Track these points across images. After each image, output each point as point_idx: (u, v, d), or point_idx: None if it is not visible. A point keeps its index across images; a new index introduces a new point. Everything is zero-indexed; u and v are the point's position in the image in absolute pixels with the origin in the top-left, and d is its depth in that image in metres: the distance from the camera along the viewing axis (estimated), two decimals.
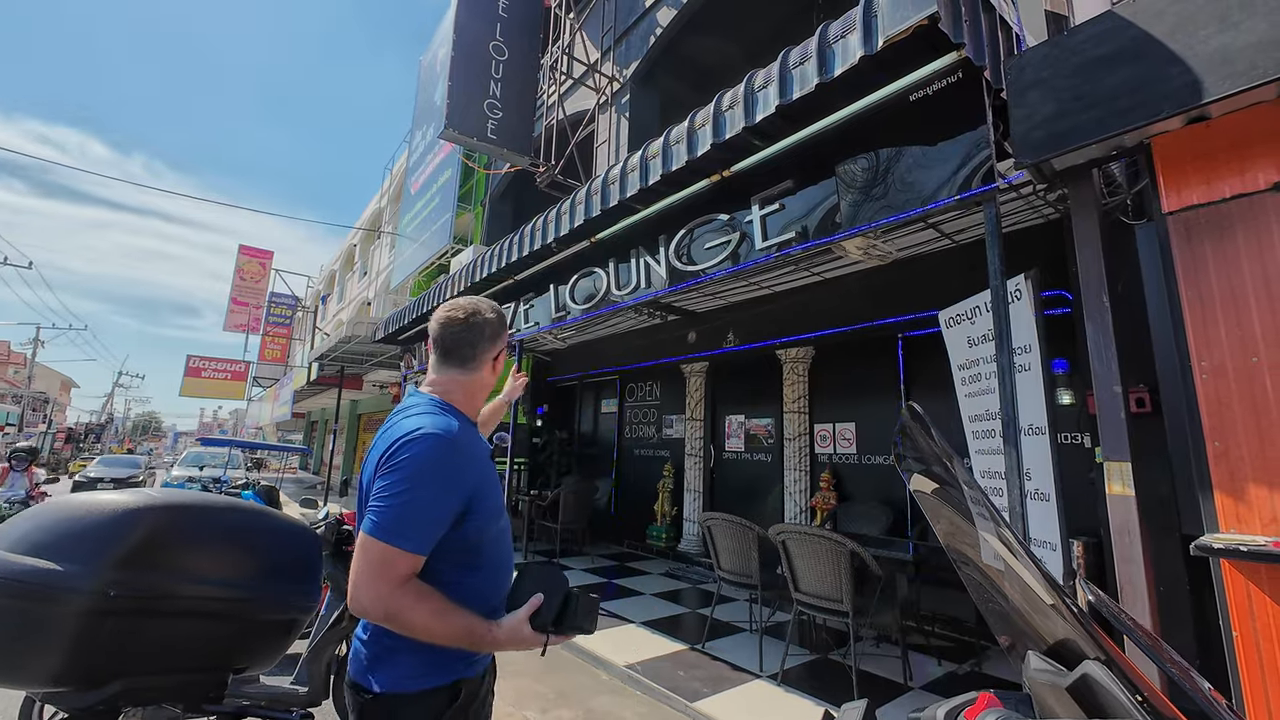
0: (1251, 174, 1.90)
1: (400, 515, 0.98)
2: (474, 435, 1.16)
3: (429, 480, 1.01)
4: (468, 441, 1.10)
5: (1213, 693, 0.58)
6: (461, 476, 1.05)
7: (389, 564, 0.97)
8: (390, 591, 0.96)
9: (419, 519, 1.00)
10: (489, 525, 1.10)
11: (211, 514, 1.21)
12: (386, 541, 0.97)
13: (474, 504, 1.06)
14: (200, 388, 24.89)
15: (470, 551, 1.08)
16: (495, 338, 1.21)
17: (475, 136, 6.77)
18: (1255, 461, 1.82)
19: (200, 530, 1.17)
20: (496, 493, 1.15)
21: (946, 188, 2.49)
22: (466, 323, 1.17)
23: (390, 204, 15.89)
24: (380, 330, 8.47)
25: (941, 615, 4.24)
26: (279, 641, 1.30)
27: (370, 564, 0.97)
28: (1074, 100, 2.06)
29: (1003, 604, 0.78)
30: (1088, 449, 3.45)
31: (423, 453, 1.02)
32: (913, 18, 2.17)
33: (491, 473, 1.17)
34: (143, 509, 1.09)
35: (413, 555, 0.99)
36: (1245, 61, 1.73)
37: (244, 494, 7.10)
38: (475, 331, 1.18)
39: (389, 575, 0.96)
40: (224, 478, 9.06)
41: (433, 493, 1.01)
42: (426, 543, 1.00)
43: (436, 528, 1.01)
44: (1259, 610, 1.76)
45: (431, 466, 1.02)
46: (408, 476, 1.00)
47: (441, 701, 1.04)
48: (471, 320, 1.18)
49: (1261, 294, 1.85)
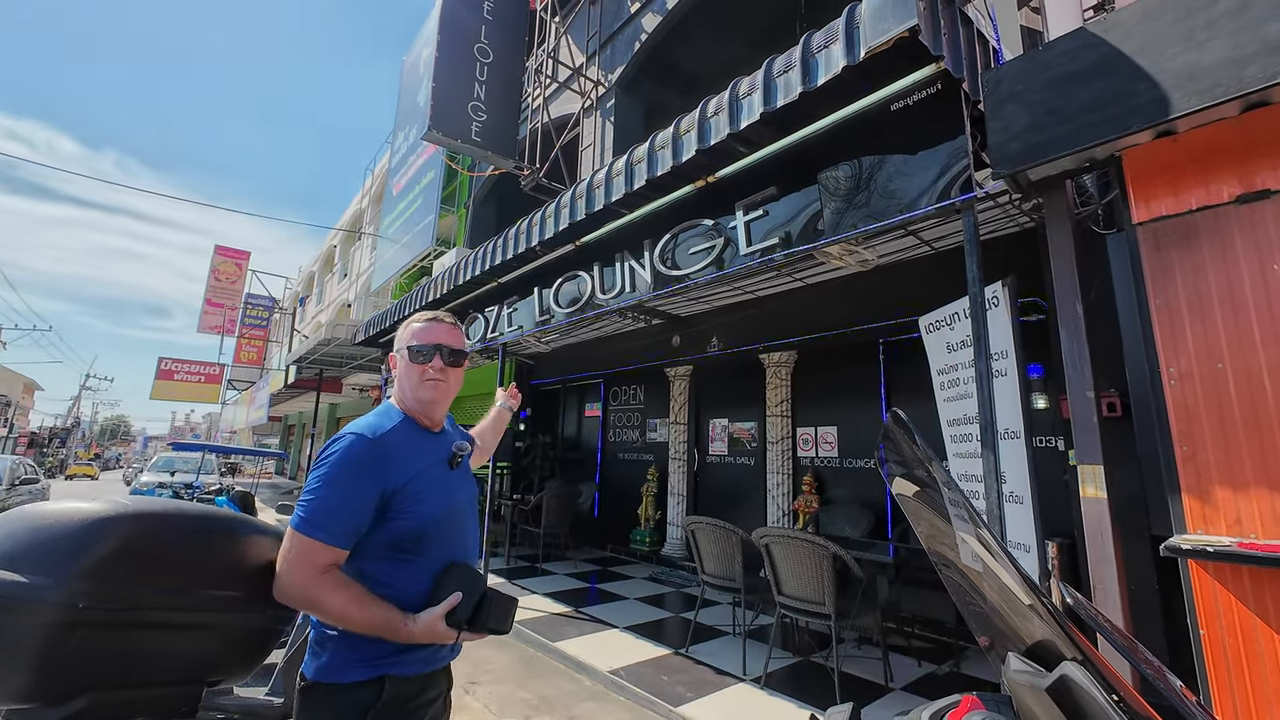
0: (1216, 187, 1.97)
1: (318, 508, 1.07)
2: (411, 434, 1.22)
3: (346, 476, 1.09)
4: (397, 440, 1.17)
5: (1184, 691, 0.60)
6: (380, 472, 1.11)
7: (308, 554, 1.06)
8: (308, 579, 1.05)
9: (335, 512, 1.08)
10: (424, 522, 1.15)
11: (186, 522, 1.18)
12: (306, 534, 1.06)
13: (398, 499, 1.12)
14: (172, 391, 24.25)
15: (402, 547, 1.14)
16: (396, 340, 1.33)
17: (459, 138, 6.73)
18: (1220, 465, 1.88)
19: (174, 539, 1.14)
20: (438, 492, 1.20)
21: (926, 196, 2.54)
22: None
23: (372, 205, 15.69)
24: (361, 333, 8.34)
25: (921, 617, 4.30)
26: (256, 652, 1.27)
27: (292, 553, 1.06)
28: (1048, 114, 2.12)
29: (982, 605, 0.80)
30: (1062, 452, 3.53)
31: (343, 450, 1.11)
32: (893, 30, 2.21)
33: (434, 472, 1.22)
34: (114, 517, 1.05)
35: (330, 547, 1.07)
36: (1209, 79, 1.80)
37: (218, 500, 6.92)
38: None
39: (307, 564, 1.06)
40: (197, 483, 8.82)
41: (349, 488, 1.09)
42: (344, 535, 1.08)
43: (354, 520, 1.09)
44: (1224, 609, 1.82)
45: (349, 463, 1.10)
46: (326, 473, 1.09)
47: (367, 696, 1.08)
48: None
49: (1226, 303, 1.92)
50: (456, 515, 1.25)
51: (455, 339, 1.32)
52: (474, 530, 1.35)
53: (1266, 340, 1.84)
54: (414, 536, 1.15)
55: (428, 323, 1.31)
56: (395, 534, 1.14)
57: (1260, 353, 1.85)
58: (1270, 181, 1.88)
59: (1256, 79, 1.72)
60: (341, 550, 1.08)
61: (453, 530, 1.23)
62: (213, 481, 9.98)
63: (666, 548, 6.64)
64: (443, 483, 1.23)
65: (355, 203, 17.81)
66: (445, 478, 1.25)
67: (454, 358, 1.30)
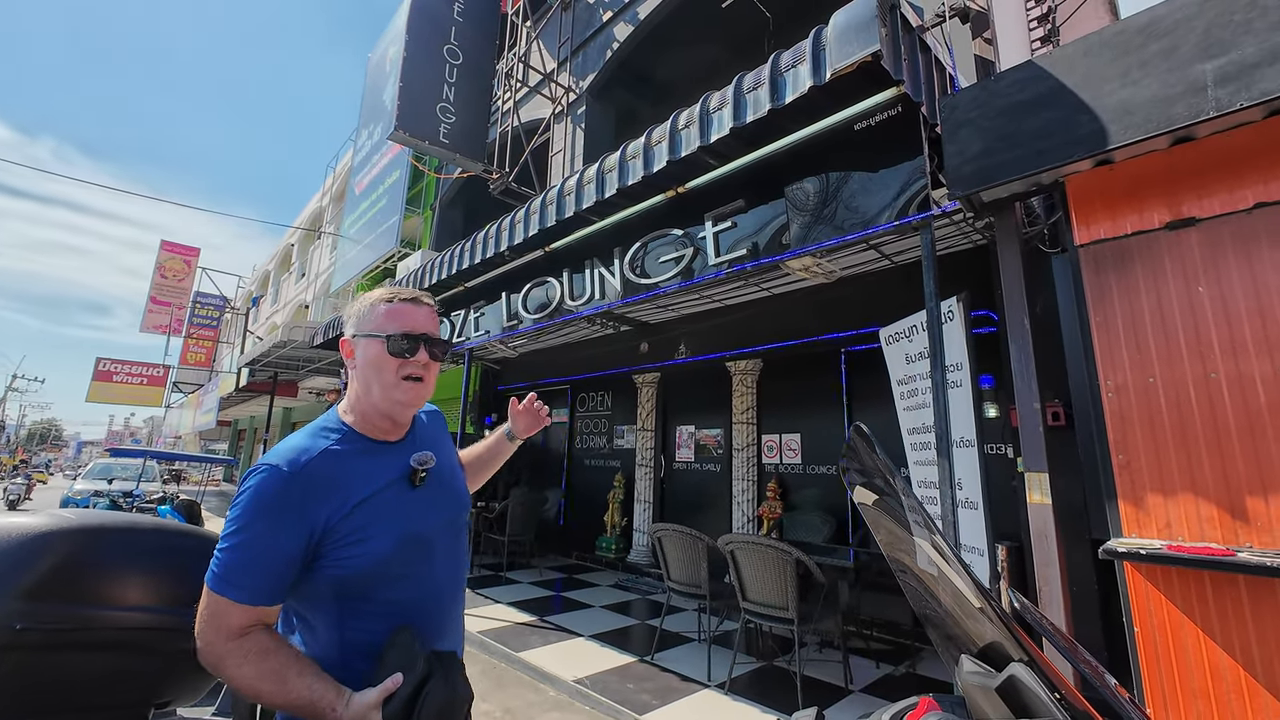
0: (1149, 213, 2.12)
1: (228, 561, 0.87)
2: (352, 453, 0.98)
3: (257, 521, 0.88)
4: (327, 467, 0.94)
5: (1118, 688, 0.64)
6: (302, 512, 0.89)
7: (218, 614, 0.86)
8: (218, 642, 0.86)
9: (247, 566, 0.87)
10: (370, 565, 0.93)
11: (132, 535, 1.12)
12: (216, 590, 0.87)
13: (330, 542, 0.91)
14: (111, 393, 22.88)
15: (346, 595, 0.93)
16: (354, 319, 1.07)
17: (426, 139, 6.63)
18: (1152, 472, 2.01)
19: (119, 554, 1.08)
20: (391, 522, 0.97)
21: (887, 213, 2.64)
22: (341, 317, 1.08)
23: (333, 204, 15.24)
24: (319, 335, 8.07)
25: (880, 619, 4.42)
26: (205, 673, 1.22)
27: (205, 613, 0.87)
28: (998, 140, 2.25)
29: (937, 609, 0.84)
30: (1011, 459, 3.71)
31: (253, 488, 0.90)
32: (857, 54, 2.30)
33: (387, 496, 0.98)
34: (53, 532, 0.99)
35: (244, 606, 0.87)
36: (1142, 114, 1.94)
37: (161, 509, 6.56)
38: (344, 321, 1.09)
39: (217, 626, 0.86)
40: (137, 492, 8.34)
41: (262, 535, 0.88)
42: (261, 592, 0.87)
43: (272, 573, 0.88)
44: (1155, 608, 1.94)
45: (261, 505, 0.89)
46: (238, 516, 0.89)
47: None
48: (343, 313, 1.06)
49: (1157, 321, 2.07)
50: (421, 547, 1.00)
51: (437, 326, 1.09)
52: (452, 562, 1.07)
53: (1192, 356, 1.98)
54: (361, 583, 0.93)
55: (407, 304, 1.04)
56: (335, 583, 0.92)
57: (1186, 368, 1.99)
58: (1195, 210, 2.03)
59: (1183, 116, 1.87)
60: (261, 608, 0.88)
61: (416, 566, 0.99)
62: (155, 489, 9.46)
63: (633, 555, 6.64)
64: (399, 508, 0.99)
65: (315, 200, 17.26)
66: (404, 501, 1.00)
67: (440, 351, 1.06)
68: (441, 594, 1.04)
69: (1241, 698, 1.77)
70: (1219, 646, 1.82)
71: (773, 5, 5.86)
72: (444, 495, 1.08)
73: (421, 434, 1.12)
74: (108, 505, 8.36)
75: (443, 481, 1.09)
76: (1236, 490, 1.86)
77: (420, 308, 1.06)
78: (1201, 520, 1.91)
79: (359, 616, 0.94)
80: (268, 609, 0.89)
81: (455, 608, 1.09)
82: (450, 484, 1.12)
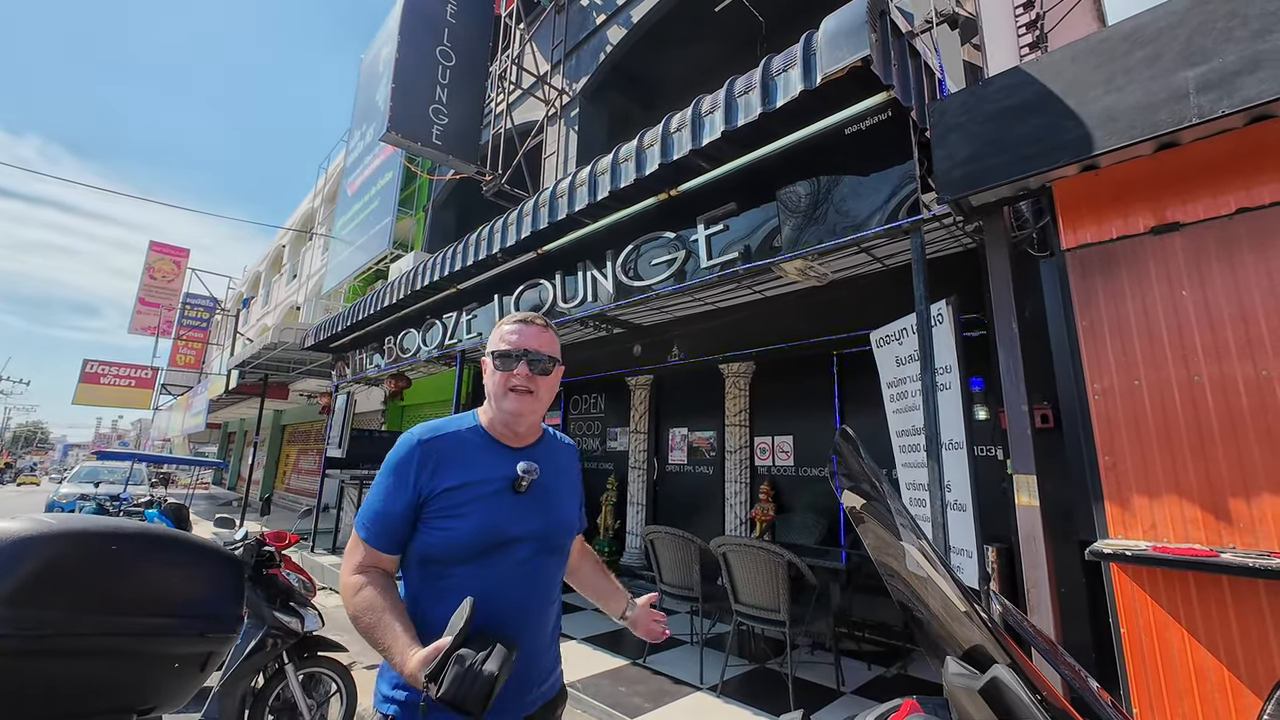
0: (1133, 218, 2.15)
1: (365, 505, 1.07)
2: (478, 442, 1.12)
3: (388, 475, 1.06)
4: (454, 445, 1.10)
5: (1100, 691, 0.65)
6: (419, 475, 1.05)
7: (352, 549, 1.06)
8: (346, 574, 1.04)
9: (373, 510, 1.05)
10: (452, 542, 1.03)
11: (115, 541, 1.11)
12: (355, 528, 1.06)
13: (430, 508, 1.05)
14: (98, 395, 22.59)
15: (431, 566, 1.05)
16: (490, 341, 1.20)
17: (419, 141, 6.60)
18: (1138, 474, 2.04)
19: (103, 560, 1.07)
20: (483, 513, 1.05)
21: (878, 216, 2.66)
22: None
23: (325, 204, 15.15)
24: (310, 337, 8.02)
25: (871, 621, 4.44)
26: (192, 677, 1.20)
27: (347, 547, 1.07)
28: (987, 145, 2.27)
29: (924, 612, 0.84)
30: (1000, 461, 3.73)
31: (394, 449, 1.09)
32: (847, 59, 2.32)
33: (488, 489, 1.07)
34: (35, 538, 0.98)
35: (368, 546, 1.04)
36: (1126, 121, 1.97)
37: (148, 514, 6.49)
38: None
39: (349, 559, 1.05)
40: (124, 495, 8.24)
41: (389, 488, 1.05)
42: (381, 536, 1.04)
43: (389, 523, 1.04)
44: (1141, 609, 1.96)
45: (393, 462, 1.07)
46: (381, 471, 1.08)
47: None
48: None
49: (1142, 324, 2.09)
50: (504, 547, 1.07)
51: (546, 343, 1.16)
52: (538, 577, 1.11)
53: (1176, 360, 2.01)
54: (441, 556, 1.04)
55: (516, 324, 1.17)
56: (423, 548, 1.05)
57: (1171, 371, 2.02)
58: (1179, 215, 2.06)
59: (1166, 123, 1.89)
60: (380, 553, 1.04)
61: (496, 563, 1.06)
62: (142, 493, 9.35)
63: (625, 557, 6.63)
64: (495, 505, 1.07)
65: (307, 201, 17.16)
66: (501, 500, 1.08)
67: (543, 365, 1.14)
68: (520, 601, 1.08)
69: (1225, 697, 1.79)
70: (1203, 646, 1.84)
71: (765, 9, 5.89)
72: (542, 509, 1.14)
73: (547, 453, 1.21)
74: (94, 509, 8.25)
75: (546, 498, 1.16)
76: (1220, 492, 1.89)
77: (527, 328, 1.17)
78: (1186, 521, 1.94)
79: (436, 589, 1.04)
80: (383, 555, 1.05)
81: (536, 623, 1.11)
82: (553, 503, 1.18)
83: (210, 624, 1.11)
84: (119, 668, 1.07)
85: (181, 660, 1.16)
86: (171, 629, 1.09)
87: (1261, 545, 1.80)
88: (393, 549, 1.05)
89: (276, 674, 2.57)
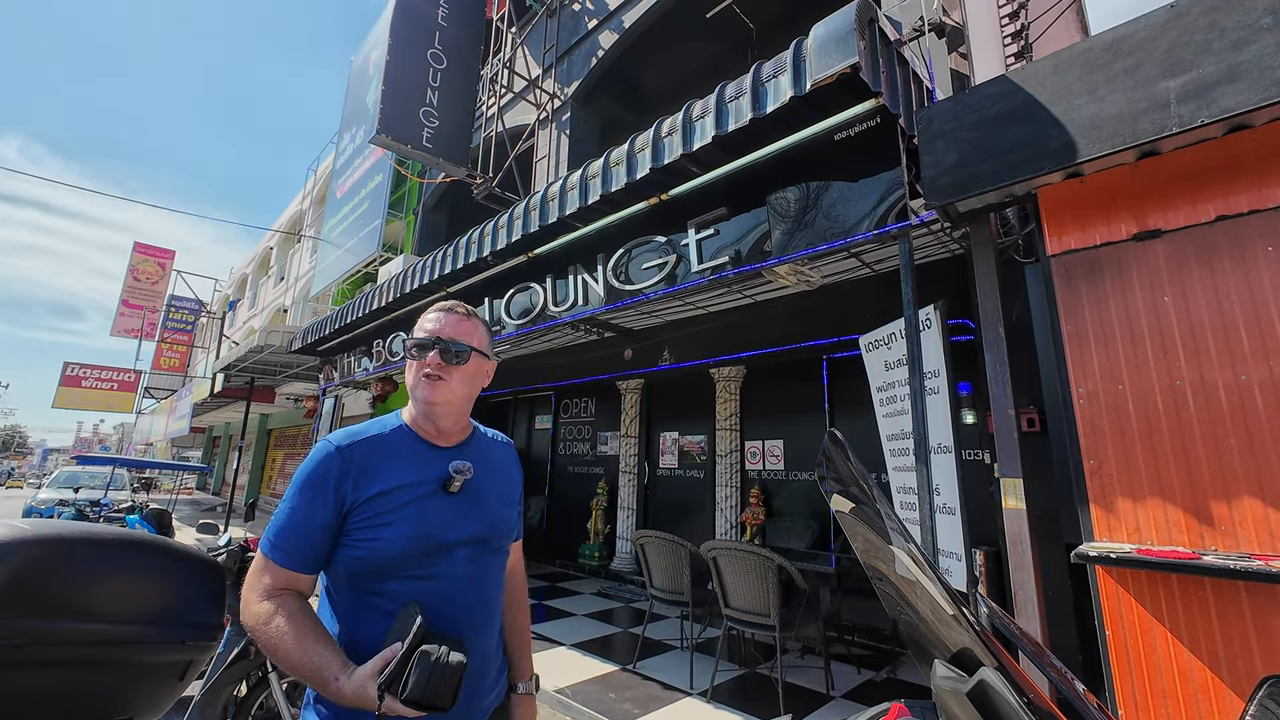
0: (1116, 225, 2.18)
1: (274, 522, 0.98)
2: (402, 445, 1.05)
3: (302, 488, 0.98)
4: (373, 449, 1.02)
5: (1086, 694, 0.65)
6: (338, 485, 0.97)
7: (258, 573, 0.96)
8: (252, 599, 0.94)
9: (285, 528, 0.97)
10: (381, 554, 0.97)
11: (91, 547, 1.08)
12: (261, 549, 0.97)
13: (354, 520, 0.97)
14: (79, 399, 22.19)
15: (360, 583, 0.98)
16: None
17: (409, 144, 6.57)
18: (1121, 477, 2.06)
19: (80, 566, 1.04)
20: (412, 519, 0.99)
21: (866, 222, 2.68)
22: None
23: (313, 207, 15.04)
24: (298, 340, 7.93)
25: (861, 625, 4.45)
26: (171, 687, 1.17)
27: (250, 569, 0.98)
28: (974, 151, 2.29)
29: (912, 615, 0.84)
30: (988, 465, 3.77)
31: (307, 459, 1.01)
32: (836, 66, 2.34)
33: (416, 493, 1.01)
34: (9, 544, 0.96)
35: (279, 567, 0.96)
36: (1109, 129, 2.00)
37: (129, 519, 6.37)
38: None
39: (255, 583, 0.96)
40: (105, 501, 8.09)
41: (303, 501, 0.97)
42: (295, 556, 0.96)
43: (305, 539, 0.97)
44: (1126, 611, 1.98)
45: (307, 473, 0.99)
46: (292, 484, 1.00)
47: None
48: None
49: (1125, 330, 2.12)
50: (441, 552, 1.01)
51: (464, 332, 1.11)
52: (478, 582, 1.07)
53: (1158, 364, 2.04)
54: (370, 573, 0.98)
55: (437, 313, 1.13)
56: (351, 564, 0.98)
57: (1153, 375, 2.04)
58: (1160, 222, 2.10)
59: (1148, 131, 1.93)
60: (293, 573, 0.95)
61: (434, 570, 1.00)
62: (124, 498, 9.18)
63: (616, 562, 6.60)
64: (426, 509, 1.02)
65: (295, 203, 17.01)
66: (432, 504, 1.03)
67: (458, 354, 1.08)
68: (464, 610, 1.04)
69: (1209, 698, 1.82)
70: (1186, 648, 1.87)
71: (756, 16, 5.94)
72: (479, 511, 1.09)
73: (479, 452, 1.15)
74: (73, 515, 8.09)
75: (482, 499, 1.11)
76: (1202, 495, 1.92)
77: (445, 316, 1.12)
78: (1169, 524, 1.96)
79: (369, 608, 0.98)
80: (300, 575, 0.97)
81: (483, 631, 1.08)
82: (490, 504, 1.12)
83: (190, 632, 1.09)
84: (94, 678, 1.04)
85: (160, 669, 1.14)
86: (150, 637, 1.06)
87: (1242, 548, 1.83)
88: (310, 567, 0.97)
89: (260, 682, 2.52)
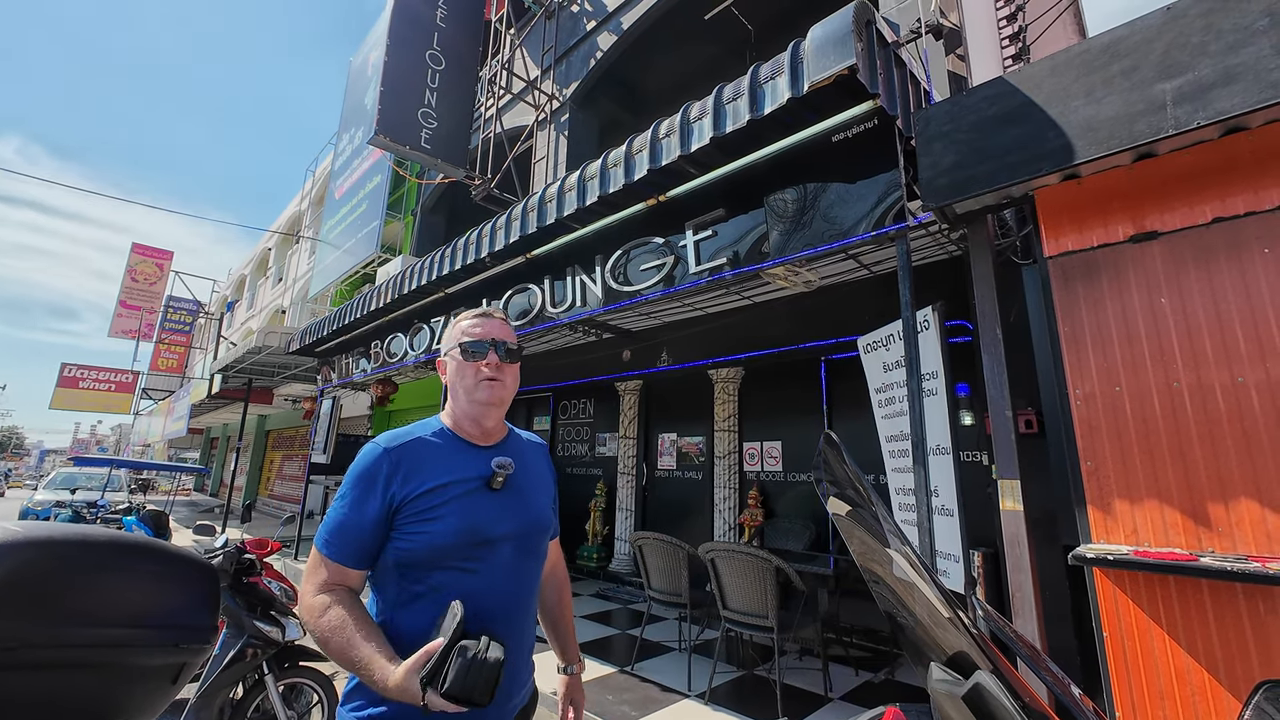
0: (1113, 227, 2.19)
1: (328, 520, 1.03)
2: (445, 445, 1.10)
3: (352, 486, 1.03)
4: (420, 449, 1.07)
5: (1082, 697, 0.65)
6: (388, 482, 1.02)
7: (313, 567, 1.02)
8: (307, 592, 1.00)
9: (337, 524, 1.02)
10: (430, 547, 1.01)
11: (84, 549, 1.07)
12: (316, 545, 1.03)
13: (404, 514, 1.01)
14: (76, 400, 22.13)
15: (408, 575, 1.02)
16: (444, 343, 1.22)
17: (408, 145, 6.57)
18: (1119, 479, 2.06)
19: (73, 569, 1.03)
20: (459, 514, 1.04)
21: (864, 223, 2.68)
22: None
23: (312, 208, 15.03)
24: (296, 341, 7.92)
25: (859, 627, 4.45)
26: (164, 690, 1.16)
27: (307, 566, 1.04)
28: (971, 153, 2.30)
29: (908, 618, 0.84)
30: (986, 466, 3.77)
31: (356, 459, 1.05)
32: (833, 67, 2.34)
33: (461, 489, 1.06)
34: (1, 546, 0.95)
35: (333, 562, 1.00)
36: (1106, 131, 2.00)
37: (126, 521, 6.35)
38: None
39: (311, 578, 1.01)
40: (102, 502, 8.07)
41: (354, 500, 1.02)
42: (346, 552, 1.00)
43: (356, 536, 1.01)
44: (1123, 612, 1.98)
45: (357, 472, 1.03)
46: (343, 484, 1.04)
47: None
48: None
49: (1122, 331, 2.12)
50: (485, 547, 1.05)
51: (508, 333, 1.19)
52: (520, 576, 1.12)
53: (1155, 366, 2.04)
54: (418, 564, 1.01)
55: (478, 318, 1.19)
56: (398, 556, 1.01)
57: (1151, 377, 2.05)
58: (1157, 224, 2.10)
59: (1144, 133, 1.93)
60: (346, 569, 1.00)
61: (478, 563, 1.04)
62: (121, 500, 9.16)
63: (614, 564, 6.59)
64: (472, 505, 1.06)
65: (294, 204, 17.00)
66: (478, 500, 1.08)
67: (510, 354, 1.16)
68: (504, 601, 1.08)
69: (1206, 700, 1.81)
70: (1184, 650, 1.86)
71: (754, 18, 5.95)
72: (519, 507, 1.14)
73: (516, 451, 1.20)
74: (70, 516, 8.06)
75: (523, 495, 1.15)
76: (1199, 496, 1.92)
77: (490, 320, 1.19)
78: (1166, 526, 1.96)
79: (414, 596, 1.01)
80: (350, 571, 1.01)
81: (519, 629, 1.11)
82: (530, 500, 1.17)
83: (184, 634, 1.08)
84: (86, 681, 1.03)
85: (153, 672, 1.13)
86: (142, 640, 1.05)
87: (1239, 549, 1.83)
88: (361, 563, 1.01)
89: (256, 684, 2.51)
